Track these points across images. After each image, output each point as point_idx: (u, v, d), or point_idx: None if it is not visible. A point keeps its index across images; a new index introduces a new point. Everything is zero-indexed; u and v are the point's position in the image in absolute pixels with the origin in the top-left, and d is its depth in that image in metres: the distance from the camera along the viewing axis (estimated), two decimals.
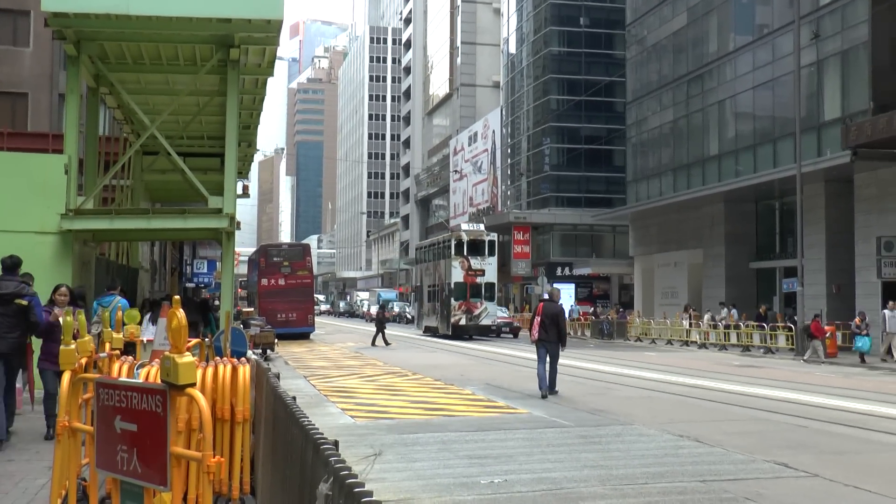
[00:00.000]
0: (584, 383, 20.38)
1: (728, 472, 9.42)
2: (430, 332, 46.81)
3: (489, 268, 43.53)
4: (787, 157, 37.30)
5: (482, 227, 47.76)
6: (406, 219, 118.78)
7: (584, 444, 11.29)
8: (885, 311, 29.09)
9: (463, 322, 42.65)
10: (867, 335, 28.92)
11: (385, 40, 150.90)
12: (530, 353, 23.26)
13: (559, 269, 64.32)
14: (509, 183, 76.60)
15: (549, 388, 17.15)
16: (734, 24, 44.03)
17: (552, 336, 17.48)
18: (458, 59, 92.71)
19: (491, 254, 43.75)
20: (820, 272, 36.52)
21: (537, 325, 17.56)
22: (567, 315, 35.55)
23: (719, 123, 44.55)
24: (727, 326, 37.61)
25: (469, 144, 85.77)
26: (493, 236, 44.96)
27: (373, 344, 36.34)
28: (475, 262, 43.14)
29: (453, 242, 43.70)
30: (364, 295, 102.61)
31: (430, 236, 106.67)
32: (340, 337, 45.92)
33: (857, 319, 30.13)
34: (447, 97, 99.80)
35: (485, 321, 43.19)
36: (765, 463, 9.93)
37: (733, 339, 36.70)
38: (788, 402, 16.54)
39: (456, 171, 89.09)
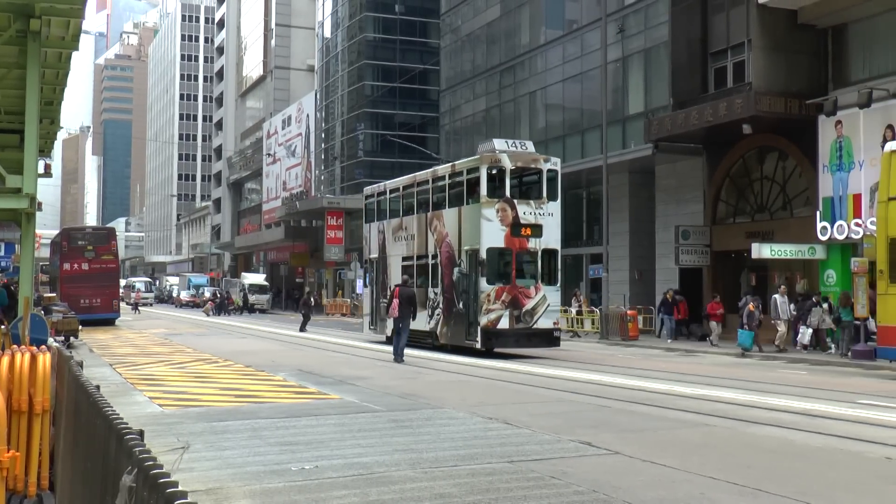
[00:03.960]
0: (396, 368, 20.56)
1: (535, 452, 9.71)
2: (414, 341, 24.86)
3: (549, 221, 24.48)
4: (594, 149, 38.71)
5: (530, 145, 26.43)
6: (218, 202, 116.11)
7: (396, 428, 11.40)
8: (776, 297, 27.24)
9: (505, 324, 23.51)
10: (749, 329, 26.39)
11: (198, 19, 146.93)
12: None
13: None
14: (323, 167, 76.14)
15: (398, 355, 21.68)
16: (545, 18, 45.23)
17: (406, 312, 22.19)
18: (273, 42, 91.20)
19: (552, 196, 24.65)
20: (624, 259, 38.17)
21: (396, 305, 22.19)
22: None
23: (530, 114, 45.70)
24: None
25: (283, 128, 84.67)
26: (556, 163, 25.22)
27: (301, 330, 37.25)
28: (526, 211, 24.03)
29: (484, 172, 24.08)
30: (174, 280, 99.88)
31: (242, 221, 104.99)
32: (149, 323, 44.54)
33: (751, 305, 26.50)
34: (261, 79, 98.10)
35: (543, 323, 23.92)
36: (570, 442, 10.30)
37: None
38: (592, 383, 17.21)
39: (269, 155, 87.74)
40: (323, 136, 76.06)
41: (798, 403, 13.95)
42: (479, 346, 23.86)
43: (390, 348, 23.19)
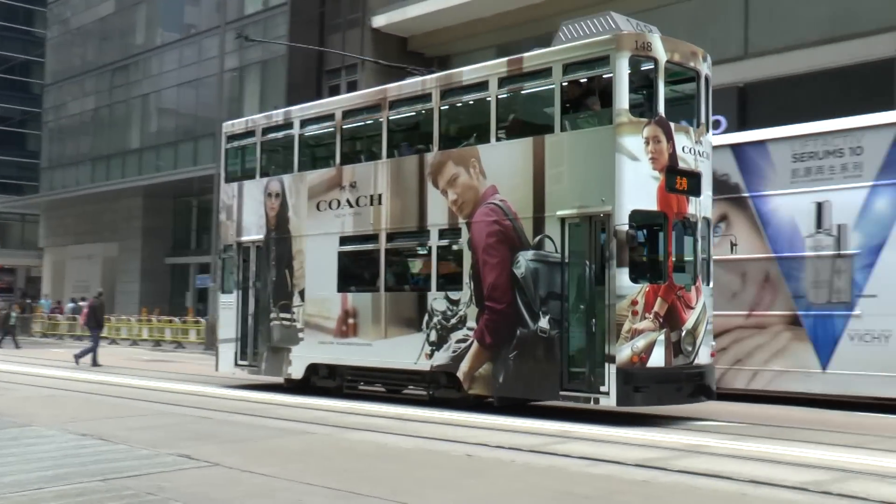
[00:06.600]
0: None
1: (131, 468, 9.39)
2: (379, 391, 16.64)
3: (706, 167, 13.25)
4: (207, 157, 38.29)
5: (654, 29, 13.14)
6: None
7: None
8: None
9: (660, 358, 12.23)
10: None
11: None
12: None
13: None
14: None
15: (93, 362, 23.83)
16: (162, 19, 44.22)
17: (93, 323, 25.20)
18: None
19: (710, 123, 13.65)
20: None
21: (85, 315, 26.28)
22: None
23: (142, 117, 44.47)
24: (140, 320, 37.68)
25: None
26: (710, 66, 13.45)
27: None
28: (685, 146, 12.67)
29: (623, 66, 12.21)
30: None
31: None
32: None
33: None
34: None
35: (703, 355, 12.78)
36: (168, 456, 10.08)
37: (145, 335, 36.83)
38: (194, 394, 16.96)
39: None
40: None
41: (392, 409, 14.62)
42: (610, 400, 12.22)
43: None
